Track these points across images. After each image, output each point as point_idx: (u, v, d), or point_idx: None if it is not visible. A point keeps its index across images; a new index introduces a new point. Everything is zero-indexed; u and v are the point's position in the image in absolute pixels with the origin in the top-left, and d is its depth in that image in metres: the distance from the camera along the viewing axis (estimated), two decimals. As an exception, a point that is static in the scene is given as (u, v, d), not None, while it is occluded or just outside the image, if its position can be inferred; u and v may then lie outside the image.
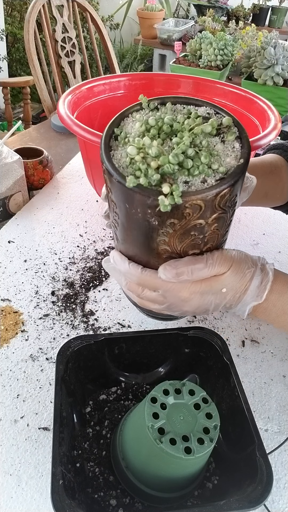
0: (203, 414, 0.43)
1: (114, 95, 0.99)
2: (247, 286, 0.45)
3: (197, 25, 2.41)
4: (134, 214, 0.40)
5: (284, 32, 2.86)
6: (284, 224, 0.96)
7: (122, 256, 0.47)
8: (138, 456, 0.45)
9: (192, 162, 0.38)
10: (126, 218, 0.42)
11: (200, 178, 0.38)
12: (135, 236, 0.43)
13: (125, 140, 0.41)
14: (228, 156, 0.40)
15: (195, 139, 0.39)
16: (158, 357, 0.59)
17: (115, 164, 0.40)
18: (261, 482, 0.42)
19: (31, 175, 0.98)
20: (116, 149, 0.42)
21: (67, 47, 1.66)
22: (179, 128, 0.40)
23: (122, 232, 0.45)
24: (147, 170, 0.38)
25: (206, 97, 1.00)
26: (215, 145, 0.40)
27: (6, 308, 0.71)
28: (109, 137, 0.42)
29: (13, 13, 2.98)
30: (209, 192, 0.37)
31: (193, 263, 0.42)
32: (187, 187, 0.38)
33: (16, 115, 2.82)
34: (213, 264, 0.43)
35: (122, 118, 0.44)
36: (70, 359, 0.52)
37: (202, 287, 0.45)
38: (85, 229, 0.90)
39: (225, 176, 0.38)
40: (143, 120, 0.41)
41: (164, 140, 0.40)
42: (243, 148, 0.40)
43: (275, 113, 0.84)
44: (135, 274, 0.45)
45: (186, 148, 0.38)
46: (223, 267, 0.44)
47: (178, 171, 0.38)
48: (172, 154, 0.37)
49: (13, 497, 0.49)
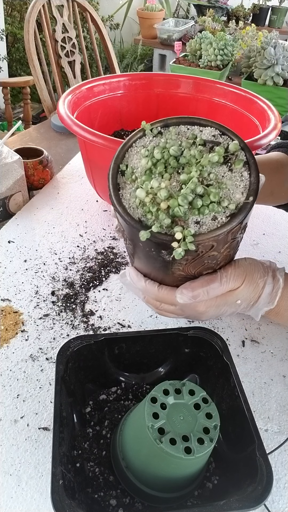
0: (203, 414, 0.43)
1: (114, 95, 0.99)
2: (260, 294, 0.46)
3: (197, 25, 2.41)
4: (149, 251, 0.41)
5: (284, 32, 2.86)
6: (284, 224, 0.96)
7: (138, 274, 0.48)
8: (138, 456, 0.45)
9: (201, 202, 0.38)
10: (140, 251, 0.43)
11: (211, 216, 0.39)
12: (150, 264, 0.44)
13: (132, 177, 0.41)
14: (237, 187, 0.40)
15: (203, 172, 0.39)
16: (158, 357, 0.59)
17: (125, 207, 0.41)
18: (261, 482, 0.42)
19: (31, 175, 0.98)
20: (124, 187, 0.42)
21: (67, 47, 1.66)
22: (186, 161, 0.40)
23: (137, 258, 0.46)
24: (158, 212, 0.38)
25: (206, 97, 1.00)
26: (224, 175, 0.40)
27: (6, 308, 0.71)
28: (116, 175, 0.43)
29: (13, 13, 2.98)
30: (220, 231, 0.38)
31: (208, 283, 0.44)
32: (198, 227, 0.39)
33: (16, 115, 2.82)
34: (227, 281, 0.44)
35: (126, 150, 0.44)
36: (70, 359, 0.52)
37: (218, 301, 0.46)
38: (85, 229, 0.90)
39: (235, 212, 0.39)
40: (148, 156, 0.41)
41: (171, 175, 0.40)
42: (252, 176, 0.40)
43: (275, 113, 0.84)
44: (152, 292, 0.47)
45: (194, 187, 0.38)
46: (237, 282, 0.45)
47: (188, 211, 0.38)
48: (181, 197, 0.37)
49: (13, 497, 0.49)
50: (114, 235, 0.88)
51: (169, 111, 1.04)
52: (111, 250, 0.84)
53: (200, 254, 0.39)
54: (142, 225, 0.40)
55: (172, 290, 0.45)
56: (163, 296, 0.46)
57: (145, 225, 0.40)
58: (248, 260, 0.47)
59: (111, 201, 0.42)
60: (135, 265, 0.48)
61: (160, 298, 0.47)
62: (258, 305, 0.47)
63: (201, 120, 0.43)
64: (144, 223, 0.40)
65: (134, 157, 0.43)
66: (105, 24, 3.23)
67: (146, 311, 0.72)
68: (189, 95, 1.02)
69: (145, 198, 0.39)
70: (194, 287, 0.43)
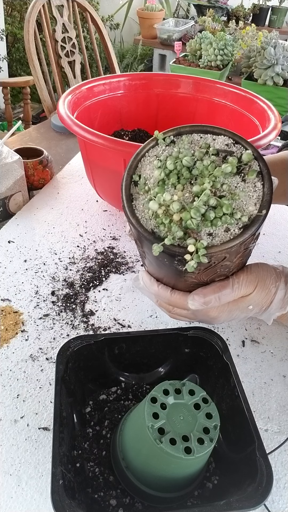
0: (203, 414, 0.43)
1: (114, 95, 0.99)
2: (272, 299, 0.47)
3: (197, 25, 2.41)
4: (162, 260, 0.41)
5: (284, 32, 2.87)
6: (284, 224, 0.96)
7: (151, 278, 0.48)
8: (138, 456, 0.45)
9: (214, 214, 0.38)
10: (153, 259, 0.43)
11: (223, 228, 0.39)
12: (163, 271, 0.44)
13: (145, 188, 0.41)
14: (250, 198, 0.39)
15: (216, 183, 0.39)
16: (158, 357, 0.59)
17: (139, 218, 0.41)
18: (261, 482, 0.42)
19: (31, 175, 0.98)
20: (137, 198, 0.42)
21: (67, 47, 1.66)
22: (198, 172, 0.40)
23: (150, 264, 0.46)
24: (171, 224, 0.39)
25: (206, 97, 1.00)
26: (237, 186, 0.40)
27: (6, 308, 0.71)
28: (128, 186, 0.43)
29: (13, 13, 2.98)
30: (233, 243, 0.38)
31: (220, 289, 0.44)
32: (211, 238, 0.39)
33: (16, 115, 2.82)
34: (239, 287, 0.44)
35: (139, 161, 0.44)
36: (70, 359, 0.52)
37: (230, 307, 0.46)
38: (85, 229, 0.90)
39: (248, 223, 0.39)
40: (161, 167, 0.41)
41: (184, 185, 0.40)
42: (265, 187, 0.40)
43: (275, 113, 0.84)
44: (165, 296, 0.47)
45: (207, 199, 0.38)
46: (249, 288, 0.45)
47: (201, 223, 0.38)
48: (193, 210, 0.37)
49: (13, 497, 0.49)
50: (114, 235, 0.88)
51: (169, 111, 1.04)
52: (111, 250, 0.84)
53: (212, 265, 0.40)
54: (155, 237, 0.40)
55: (184, 295, 0.45)
56: (175, 301, 0.46)
57: (158, 236, 0.40)
58: (260, 265, 0.47)
59: (124, 212, 0.42)
60: (148, 269, 0.48)
61: (173, 303, 0.47)
62: (270, 310, 0.47)
63: (214, 129, 0.43)
64: (157, 235, 0.40)
65: (147, 167, 0.43)
66: (105, 24, 3.23)
67: (146, 311, 0.72)
68: (189, 95, 1.02)
69: (158, 210, 0.39)
70: (206, 294, 0.44)
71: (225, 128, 0.43)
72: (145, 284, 0.48)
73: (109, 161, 0.79)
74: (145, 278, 0.48)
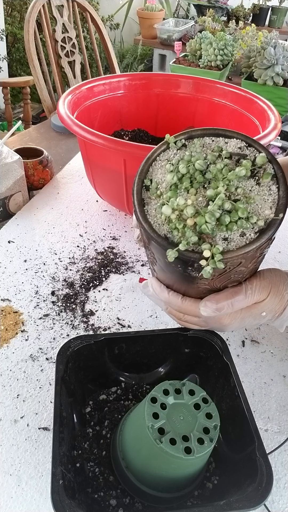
0: (203, 414, 0.43)
1: (114, 95, 0.99)
2: (286, 306, 0.46)
3: (197, 25, 2.41)
4: (175, 266, 0.40)
5: (284, 32, 2.87)
6: (284, 224, 0.96)
7: (161, 285, 0.47)
8: (138, 456, 0.45)
9: (229, 218, 0.37)
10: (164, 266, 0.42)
11: (239, 232, 0.38)
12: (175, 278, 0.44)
13: (157, 193, 0.40)
14: (266, 202, 0.39)
15: (230, 187, 0.38)
16: (158, 357, 0.59)
17: (151, 223, 0.40)
18: (261, 482, 0.42)
19: (31, 175, 0.98)
20: (149, 203, 0.41)
21: (67, 47, 1.66)
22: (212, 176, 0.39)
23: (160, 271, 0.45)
24: (184, 229, 0.37)
25: (206, 97, 1.00)
26: (251, 189, 0.39)
27: (6, 308, 0.71)
28: (140, 191, 0.42)
29: (13, 13, 2.98)
30: (249, 248, 0.37)
31: (233, 295, 0.43)
32: (226, 243, 0.38)
33: (16, 115, 2.82)
34: (252, 294, 0.43)
35: (150, 164, 0.43)
36: (70, 359, 0.52)
37: (243, 314, 0.45)
38: (85, 229, 0.90)
39: (264, 227, 0.38)
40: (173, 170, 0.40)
41: (197, 189, 0.39)
42: (280, 190, 0.39)
43: (275, 113, 0.84)
44: (175, 303, 0.46)
45: (222, 202, 0.37)
46: (263, 294, 0.44)
47: (216, 227, 0.38)
48: (208, 214, 0.36)
49: (13, 497, 0.49)
50: (114, 235, 0.88)
51: (169, 111, 1.04)
52: (111, 250, 0.84)
53: (227, 270, 0.39)
54: (169, 242, 0.39)
55: (195, 302, 0.45)
56: (186, 308, 0.46)
57: (171, 241, 0.39)
58: (273, 271, 0.46)
59: (136, 217, 0.41)
60: (158, 276, 0.47)
61: (184, 310, 0.46)
62: (283, 317, 0.46)
63: (226, 132, 0.42)
64: (171, 240, 0.39)
65: (159, 172, 0.42)
66: (105, 24, 3.23)
67: (146, 311, 0.72)
68: (189, 95, 1.02)
69: (171, 215, 0.38)
70: (219, 300, 0.43)
71: (238, 131, 0.42)
72: (155, 291, 0.47)
73: (109, 161, 0.79)
74: (155, 284, 0.47)
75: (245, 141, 0.41)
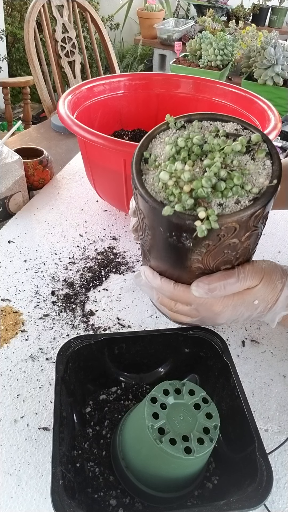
0: (203, 414, 0.43)
1: (114, 95, 0.99)
2: (278, 296, 0.45)
3: (197, 25, 2.41)
4: (168, 237, 0.40)
5: (284, 32, 2.86)
6: (284, 224, 0.96)
7: (154, 272, 0.47)
8: (138, 456, 0.45)
9: (225, 184, 0.38)
10: (159, 239, 0.42)
11: (234, 199, 0.39)
12: (167, 256, 0.44)
13: (155, 164, 0.41)
14: (260, 174, 0.40)
15: (226, 159, 0.39)
16: (158, 357, 0.59)
17: (148, 190, 0.40)
18: (261, 482, 0.42)
19: (31, 175, 0.98)
20: (147, 173, 0.42)
21: (67, 47, 1.66)
22: (209, 148, 0.40)
23: (154, 251, 0.45)
24: (181, 194, 0.38)
25: (206, 97, 1.00)
26: (246, 164, 0.40)
27: (6, 308, 0.71)
28: (139, 162, 0.43)
29: (13, 13, 2.98)
30: (244, 213, 0.38)
31: (225, 278, 0.43)
32: (221, 209, 0.38)
33: (16, 115, 2.82)
34: (245, 278, 0.44)
35: (150, 140, 0.44)
36: (70, 359, 0.52)
37: (235, 300, 0.45)
38: (85, 229, 0.90)
39: (258, 196, 0.39)
40: (172, 143, 0.41)
41: (194, 162, 0.40)
42: (274, 165, 0.40)
43: (275, 113, 0.84)
44: (167, 289, 0.46)
45: (218, 170, 0.38)
46: (255, 280, 0.44)
47: (211, 194, 0.38)
48: (205, 178, 0.37)
49: (13, 497, 0.49)
50: (114, 235, 0.88)
51: (169, 111, 1.03)
52: (111, 250, 0.84)
53: (221, 239, 0.39)
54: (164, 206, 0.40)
55: (188, 287, 0.45)
56: (178, 294, 0.45)
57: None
58: (266, 261, 0.46)
59: (133, 185, 0.42)
60: (151, 264, 0.48)
61: (175, 296, 0.46)
62: (275, 308, 0.46)
63: (223, 116, 0.44)
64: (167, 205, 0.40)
65: (158, 147, 0.44)
66: (105, 24, 3.23)
67: (146, 311, 0.72)
68: (189, 95, 1.02)
69: (168, 181, 0.39)
70: (211, 281, 0.43)
71: (234, 116, 0.44)
72: (147, 278, 0.47)
73: (109, 161, 0.79)
74: (147, 272, 0.47)
75: (241, 124, 0.43)
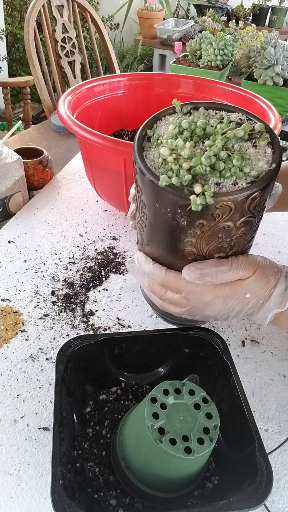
0: (203, 414, 0.43)
1: (114, 95, 0.99)
2: (271, 293, 0.45)
3: (197, 25, 2.41)
4: (164, 214, 0.40)
5: (284, 32, 2.86)
6: (284, 224, 0.96)
7: (147, 257, 0.47)
8: (138, 456, 0.45)
9: (224, 165, 0.38)
10: (154, 218, 0.43)
11: (232, 181, 0.39)
12: (162, 237, 0.44)
13: (157, 142, 0.42)
14: (260, 161, 0.40)
15: (227, 143, 0.40)
16: (158, 357, 0.59)
17: (147, 164, 0.41)
18: (261, 482, 0.42)
19: (31, 175, 0.98)
20: (148, 150, 0.43)
21: (67, 47, 1.66)
22: (212, 131, 0.41)
23: (149, 232, 0.45)
24: (179, 170, 0.38)
25: (206, 97, 1.00)
26: (247, 149, 0.41)
27: (6, 308, 0.71)
28: (142, 138, 0.43)
29: (13, 13, 2.98)
30: (240, 194, 0.38)
31: (218, 265, 0.43)
32: (218, 188, 0.38)
33: (16, 115, 2.82)
34: (237, 267, 0.43)
35: (155, 121, 0.45)
36: (70, 359, 0.52)
37: (226, 291, 0.44)
38: (85, 229, 0.90)
39: (256, 180, 0.39)
40: (176, 123, 0.42)
41: (196, 143, 0.41)
42: (275, 153, 0.40)
43: (275, 113, 0.84)
44: (159, 275, 0.46)
45: (218, 150, 0.38)
46: (248, 271, 0.44)
47: (210, 173, 0.39)
48: (204, 156, 0.38)
49: (13, 497, 0.49)
50: (114, 235, 0.88)
51: (169, 111, 1.04)
52: (111, 250, 0.84)
53: (215, 219, 0.39)
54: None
55: (179, 274, 0.44)
56: (169, 279, 0.45)
57: None
58: (261, 257, 0.46)
59: (134, 159, 0.42)
60: (144, 249, 0.48)
61: (166, 282, 0.46)
62: (268, 305, 0.45)
63: (229, 107, 0.45)
64: None
65: (162, 128, 0.44)
66: (105, 24, 3.23)
67: (146, 311, 0.72)
68: (189, 95, 1.02)
69: (168, 157, 0.39)
70: (203, 266, 0.42)
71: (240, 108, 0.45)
72: (140, 262, 0.47)
73: (109, 161, 0.79)
74: (141, 256, 0.47)
75: (246, 115, 0.44)
